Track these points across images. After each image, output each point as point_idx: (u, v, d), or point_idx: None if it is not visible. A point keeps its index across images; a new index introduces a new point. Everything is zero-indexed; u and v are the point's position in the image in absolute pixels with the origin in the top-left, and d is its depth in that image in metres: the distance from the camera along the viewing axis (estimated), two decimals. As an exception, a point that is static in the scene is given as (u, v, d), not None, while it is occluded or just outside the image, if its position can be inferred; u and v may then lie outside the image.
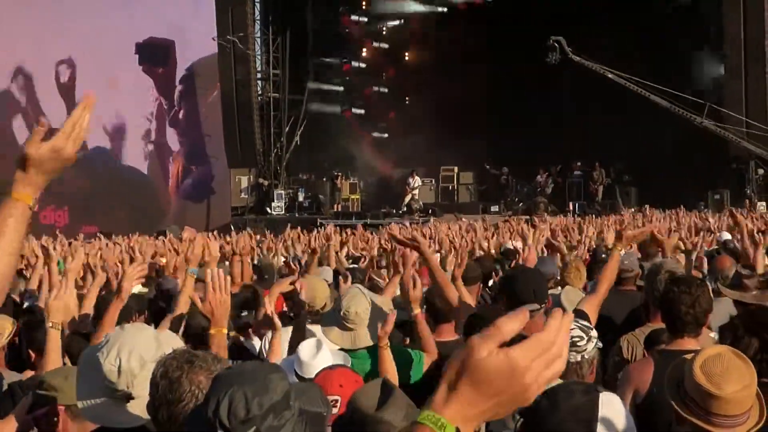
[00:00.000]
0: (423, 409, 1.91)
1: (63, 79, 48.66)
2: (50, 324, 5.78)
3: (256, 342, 7.94)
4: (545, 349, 1.91)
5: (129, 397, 4.00)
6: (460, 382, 1.89)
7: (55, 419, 4.37)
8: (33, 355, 6.89)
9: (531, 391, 1.91)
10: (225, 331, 5.12)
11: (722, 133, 35.92)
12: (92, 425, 4.20)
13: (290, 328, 7.35)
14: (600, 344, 5.22)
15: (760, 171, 36.97)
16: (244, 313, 8.49)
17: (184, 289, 7.14)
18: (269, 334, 7.28)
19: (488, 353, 1.88)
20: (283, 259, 15.78)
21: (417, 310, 7.00)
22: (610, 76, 36.91)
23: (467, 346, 1.90)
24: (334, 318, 6.81)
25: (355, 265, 13.12)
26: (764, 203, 34.76)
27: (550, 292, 7.41)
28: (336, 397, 4.85)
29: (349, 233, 22.06)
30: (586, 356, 5.11)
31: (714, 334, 6.45)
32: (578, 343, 5.10)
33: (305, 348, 6.18)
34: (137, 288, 11.09)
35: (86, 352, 4.32)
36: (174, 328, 6.64)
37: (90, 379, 4.10)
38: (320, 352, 6.13)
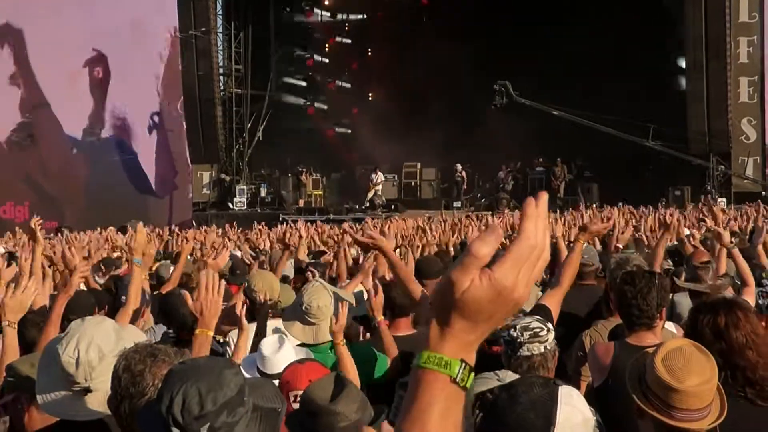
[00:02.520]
0: (422, 353, 1.86)
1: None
2: (6, 323, 5.71)
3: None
4: (527, 256, 1.83)
5: (87, 391, 3.94)
6: (451, 317, 1.84)
7: (20, 407, 4.32)
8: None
9: (522, 298, 1.85)
10: (210, 333, 5.00)
11: (668, 152, 36.48)
12: None
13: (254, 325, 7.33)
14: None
15: (721, 167, 37.26)
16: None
17: (134, 281, 7.07)
18: (233, 332, 7.25)
19: (471, 283, 1.81)
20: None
21: (380, 317, 6.92)
22: (555, 113, 37.51)
23: (447, 281, 1.83)
24: (296, 313, 6.76)
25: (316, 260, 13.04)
26: (724, 199, 35.02)
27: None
28: None
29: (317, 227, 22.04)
30: (549, 347, 5.10)
31: (670, 326, 6.46)
32: (540, 334, 5.09)
33: (267, 344, 6.14)
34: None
35: (48, 344, 4.27)
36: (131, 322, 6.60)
37: (49, 372, 4.05)
38: (283, 348, 6.09)
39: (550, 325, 5.27)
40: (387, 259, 7.58)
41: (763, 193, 36.12)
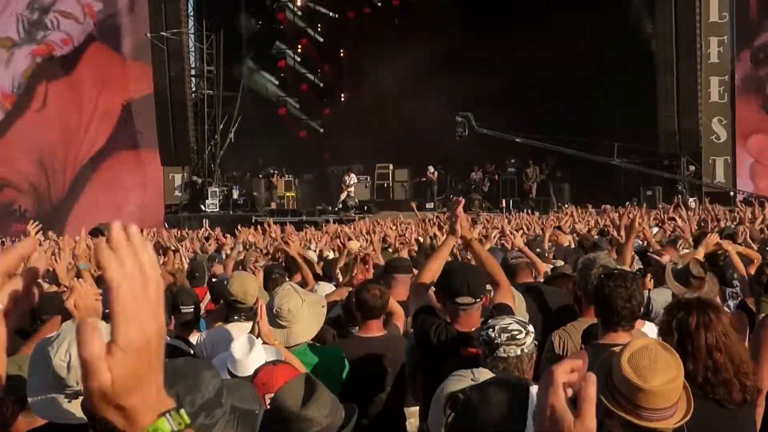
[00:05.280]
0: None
1: None
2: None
3: (193, 338, 7.92)
4: (132, 301, 1.66)
5: (79, 394, 3.92)
6: (119, 402, 1.70)
7: (5, 409, 4.31)
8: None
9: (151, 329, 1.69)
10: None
11: (635, 168, 37.22)
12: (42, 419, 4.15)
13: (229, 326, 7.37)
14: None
15: (692, 167, 37.45)
16: (188, 309, 8.41)
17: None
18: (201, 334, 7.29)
19: (109, 373, 1.66)
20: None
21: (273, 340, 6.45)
22: (518, 140, 37.84)
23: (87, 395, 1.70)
24: (268, 316, 6.77)
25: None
26: (695, 199, 35.20)
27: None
28: None
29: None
30: (526, 350, 5.11)
31: (651, 327, 6.50)
32: (517, 337, 5.10)
33: (238, 346, 6.15)
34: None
35: (38, 346, 4.25)
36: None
37: (40, 374, 4.04)
38: (253, 350, 6.10)
39: (530, 327, 5.29)
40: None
41: (732, 193, 36.36)
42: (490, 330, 5.16)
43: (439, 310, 6.70)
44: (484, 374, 4.33)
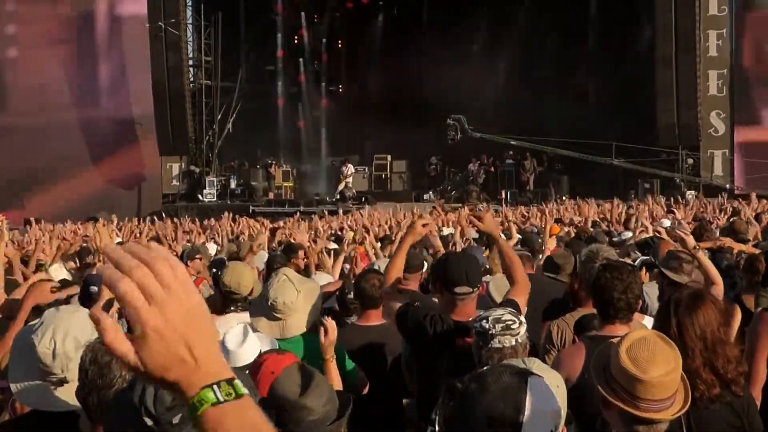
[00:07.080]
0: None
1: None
2: None
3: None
4: (137, 297, 1.77)
5: (63, 381, 3.93)
6: (160, 378, 1.82)
7: (8, 396, 4.31)
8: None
9: (177, 301, 1.80)
10: None
11: (633, 167, 37.30)
12: None
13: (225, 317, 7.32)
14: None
15: (690, 160, 37.47)
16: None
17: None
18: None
19: (137, 357, 1.79)
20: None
21: (328, 356, 6.23)
22: (513, 143, 37.97)
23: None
24: (262, 308, 6.68)
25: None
26: (693, 192, 35.22)
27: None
28: None
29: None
30: (520, 340, 5.10)
31: (643, 319, 6.49)
32: (512, 327, 5.08)
33: (232, 336, 6.11)
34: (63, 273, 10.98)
35: (20, 334, 4.26)
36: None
37: (25, 362, 4.04)
38: (247, 340, 6.06)
39: (522, 317, 5.28)
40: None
41: (727, 186, 36.37)
42: (484, 321, 5.14)
43: (425, 298, 6.66)
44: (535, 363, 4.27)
